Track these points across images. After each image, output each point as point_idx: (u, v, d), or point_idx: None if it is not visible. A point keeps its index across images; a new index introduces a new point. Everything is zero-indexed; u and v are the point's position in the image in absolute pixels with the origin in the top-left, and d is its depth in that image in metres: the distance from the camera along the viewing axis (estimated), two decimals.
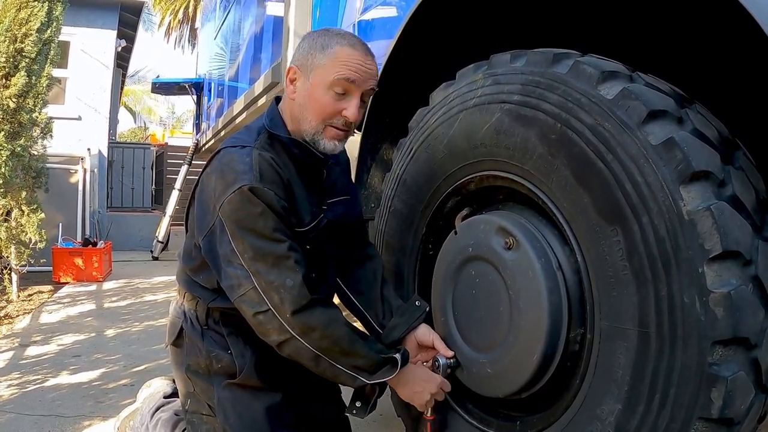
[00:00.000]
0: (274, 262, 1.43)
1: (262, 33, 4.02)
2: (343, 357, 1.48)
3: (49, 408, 2.58)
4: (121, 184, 10.70)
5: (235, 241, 1.44)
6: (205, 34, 8.28)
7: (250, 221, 1.42)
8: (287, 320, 1.43)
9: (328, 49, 1.49)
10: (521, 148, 1.40)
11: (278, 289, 1.42)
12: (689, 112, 1.19)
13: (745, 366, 1.06)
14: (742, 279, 1.05)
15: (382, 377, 1.52)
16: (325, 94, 1.49)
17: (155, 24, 25.68)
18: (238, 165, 1.46)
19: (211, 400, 1.62)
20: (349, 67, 1.48)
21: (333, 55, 1.48)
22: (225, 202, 1.43)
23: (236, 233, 1.43)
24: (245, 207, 1.42)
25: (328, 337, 1.46)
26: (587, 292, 1.31)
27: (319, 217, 1.62)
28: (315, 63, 1.49)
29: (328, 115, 1.50)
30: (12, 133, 4.64)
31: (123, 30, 9.51)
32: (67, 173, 7.73)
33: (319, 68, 1.49)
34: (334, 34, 1.52)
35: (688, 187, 1.08)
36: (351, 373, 1.50)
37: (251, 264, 1.43)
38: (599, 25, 1.65)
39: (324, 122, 1.51)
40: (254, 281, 1.43)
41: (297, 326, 1.44)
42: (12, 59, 4.61)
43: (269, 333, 1.46)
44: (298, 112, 1.54)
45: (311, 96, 1.50)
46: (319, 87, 1.49)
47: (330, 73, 1.47)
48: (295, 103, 1.55)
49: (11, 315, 4.54)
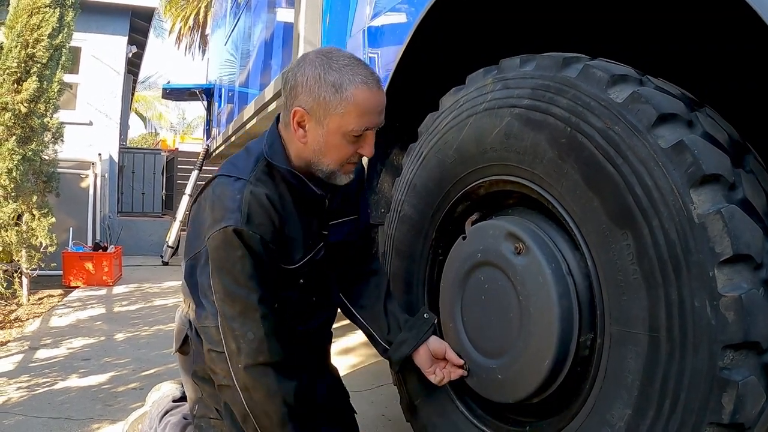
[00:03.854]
0: (241, 310, 1.44)
1: (272, 39, 4.04)
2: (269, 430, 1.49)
3: (58, 411, 2.59)
4: (132, 189, 10.76)
5: (212, 278, 1.47)
6: (215, 41, 8.31)
7: (228, 263, 1.43)
8: (236, 370, 1.45)
9: (343, 92, 1.37)
10: (531, 152, 1.39)
11: (237, 338, 1.44)
12: (699, 116, 1.19)
13: (756, 370, 1.05)
14: (752, 282, 1.04)
15: None
16: (342, 140, 1.42)
17: (166, 30, 25.87)
18: (228, 201, 1.44)
19: (218, 404, 1.62)
20: (371, 116, 1.41)
21: (351, 102, 1.37)
22: (211, 237, 1.44)
23: (214, 271, 1.46)
24: (226, 248, 1.43)
25: (266, 404, 1.46)
26: (597, 297, 1.31)
27: (315, 249, 1.59)
28: (330, 110, 1.39)
29: (345, 157, 1.46)
30: (23, 137, 4.68)
31: (134, 36, 9.58)
32: (78, 178, 7.78)
33: (336, 117, 1.39)
34: (345, 69, 1.39)
35: (698, 190, 1.08)
36: None
37: (221, 305, 1.46)
38: (609, 29, 1.65)
39: (340, 164, 1.47)
40: (219, 322, 1.46)
41: (242, 380, 1.45)
42: (24, 64, 4.65)
43: (216, 371, 1.50)
44: (310, 156, 1.47)
45: (327, 143, 1.43)
46: (337, 135, 1.41)
47: (350, 123, 1.39)
48: (307, 148, 1.46)
49: (21, 318, 4.56)
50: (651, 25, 1.57)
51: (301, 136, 1.45)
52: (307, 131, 1.44)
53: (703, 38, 1.48)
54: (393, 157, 2.29)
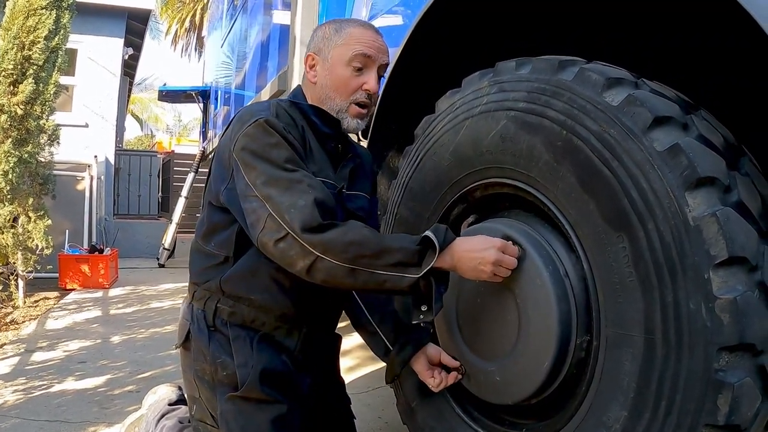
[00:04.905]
0: (287, 186, 1.40)
1: (269, 41, 4.04)
2: (378, 259, 1.35)
3: (54, 414, 2.58)
4: (128, 192, 10.72)
5: (249, 172, 1.43)
6: (211, 43, 8.33)
7: (264, 151, 1.44)
8: (305, 240, 1.35)
9: (343, 31, 1.60)
10: (527, 155, 1.40)
11: (289, 209, 1.37)
12: (694, 119, 1.20)
13: (751, 372, 1.05)
14: (748, 285, 1.05)
15: (429, 263, 1.36)
16: (345, 71, 1.58)
17: (162, 32, 25.89)
18: (256, 109, 1.53)
19: (214, 411, 1.59)
20: (365, 44, 1.59)
21: (348, 36, 1.59)
22: (240, 137, 1.46)
23: (250, 163, 1.44)
24: (260, 137, 1.45)
25: (351, 244, 1.35)
26: (593, 299, 1.31)
27: (335, 188, 1.59)
28: (332, 45, 1.60)
29: (351, 89, 1.59)
30: (19, 139, 4.67)
31: (130, 38, 9.57)
32: (74, 180, 7.75)
33: (337, 48, 1.59)
34: (344, 20, 1.65)
35: (693, 193, 1.08)
36: (395, 274, 1.36)
37: (263, 189, 1.40)
38: (604, 32, 1.66)
39: (348, 99, 1.60)
40: (268, 207, 1.39)
41: (316, 243, 1.35)
42: (20, 66, 4.65)
43: (294, 262, 1.38)
44: (321, 93, 1.62)
45: (332, 74, 1.59)
46: (339, 65, 1.59)
47: (347, 50, 1.58)
48: (318, 86, 1.63)
49: (17, 321, 4.55)
50: (646, 29, 1.57)
51: (312, 77, 1.64)
52: (317, 71, 1.63)
53: (698, 41, 1.48)
54: (389, 160, 2.30)
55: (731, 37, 1.36)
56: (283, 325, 1.58)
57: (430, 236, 1.38)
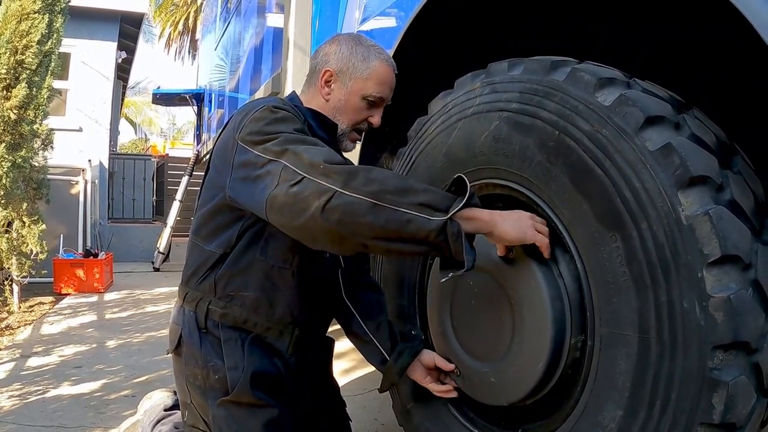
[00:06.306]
0: (303, 140, 1.37)
1: (263, 44, 4.04)
2: (402, 196, 1.25)
3: (50, 419, 2.57)
4: (122, 196, 10.70)
5: (259, 143, 1.38)
6: (205, 46, 8.31)
7: (273, 125, 1.42)
8: (324, 172, 1.27)
9: (369, 62, 1.60)
10: (519, 155, 1.40)
11: (309, 150, 1.32)
12: (687, 118, 1.20)
13: (746, 370, 1.05)
14: (741, 283, 1.05)
15: (457, 206, 1.26)
16: (359, 102, 1.61)
17: (155, 35, 25.81)
18: (259, 101, 1.54)
19: (207, 416, 1.59)
20: (387, 86, 1.62)
21: (373, 71, 1.60)
22: (247, 122, 1.44)
23: (259, 139, 1.39)
24: (268, 116, 1.45)
25: (375, 179, 1.26)
26: (587, 299, 1.31)
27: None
28: (356, 74, 1.60)
29: (358, 119, 1.63)
30: (13, 144, 4.65)
31: (123, 42, 9.54)
32: (68, 184, 7.74)
33: (360, 81, 1.60)
34: (372, 47, 1.63)
35: (686, 192, 1.08)
36: (421, 214, 1.24)
37: (278, 147, 1.35)
38: (597, 32, 1.66)
39: (351, 125, 1.63)
40: (283, 161, 1.32)
41: (339, 172, 1.27)
42: (13, 71, 4.63)
43: (308, 204, 1.26)
44: (329, 112, 1.64)
45: (347, 102, 1.61)
46: (356, 95, 1.61)
47: (369, 87, 1.60)
48: (328, 104, 1.64)
49: (12, 326, 4.53)
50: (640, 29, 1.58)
51: (326, 93, 1.63)
52: (332, 89, 1.63)
53: (690, 40, 1.49)
54: (382, 162, 2.30)
55: (723, 33, 1.37)
56: (274, 327, 1.58)
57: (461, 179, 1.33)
